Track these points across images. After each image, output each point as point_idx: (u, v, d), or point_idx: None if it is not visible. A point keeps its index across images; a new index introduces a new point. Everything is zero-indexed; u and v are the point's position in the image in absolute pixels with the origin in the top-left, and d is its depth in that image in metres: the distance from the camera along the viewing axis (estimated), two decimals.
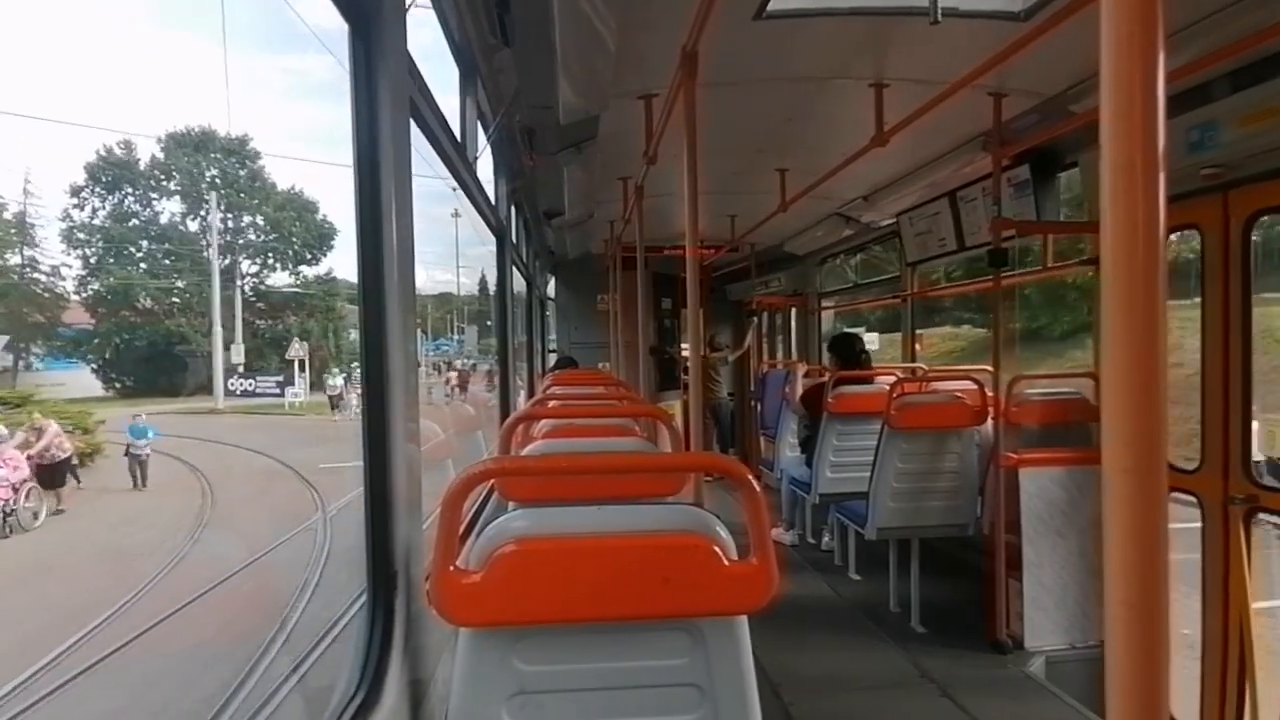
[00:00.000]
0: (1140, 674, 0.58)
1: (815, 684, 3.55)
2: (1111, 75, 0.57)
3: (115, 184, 33.09)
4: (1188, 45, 2.70)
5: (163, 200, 33.80)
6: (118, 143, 33.54)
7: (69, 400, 24.01)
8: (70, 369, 31.30)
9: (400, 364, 1.51)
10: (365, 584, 1.49)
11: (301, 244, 35.53)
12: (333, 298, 35.92)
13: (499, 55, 3.07)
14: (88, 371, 32.03)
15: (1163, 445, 0.57)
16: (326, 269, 36.67)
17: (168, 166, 33.58)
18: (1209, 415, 3.19)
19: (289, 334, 33.83)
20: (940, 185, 4.98)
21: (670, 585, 1.28)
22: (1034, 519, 3.72)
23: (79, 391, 27.83)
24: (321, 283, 36.10)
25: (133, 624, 8.84)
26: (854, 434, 4.94)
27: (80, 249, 32.59)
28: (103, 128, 48.13)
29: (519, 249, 5.95)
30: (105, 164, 32.92)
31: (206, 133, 34.06)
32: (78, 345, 32.45)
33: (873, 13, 2.87)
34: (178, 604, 9.45)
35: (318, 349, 33.95)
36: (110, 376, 32.40)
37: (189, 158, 33.56)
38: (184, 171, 33.45)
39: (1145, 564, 0.57)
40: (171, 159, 33.57)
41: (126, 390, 31.46)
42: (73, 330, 32.40)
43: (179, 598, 9.67)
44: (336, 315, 35.78)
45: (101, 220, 32.99)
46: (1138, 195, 0.56)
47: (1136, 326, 0.56)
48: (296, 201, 35.76)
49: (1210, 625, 3.18)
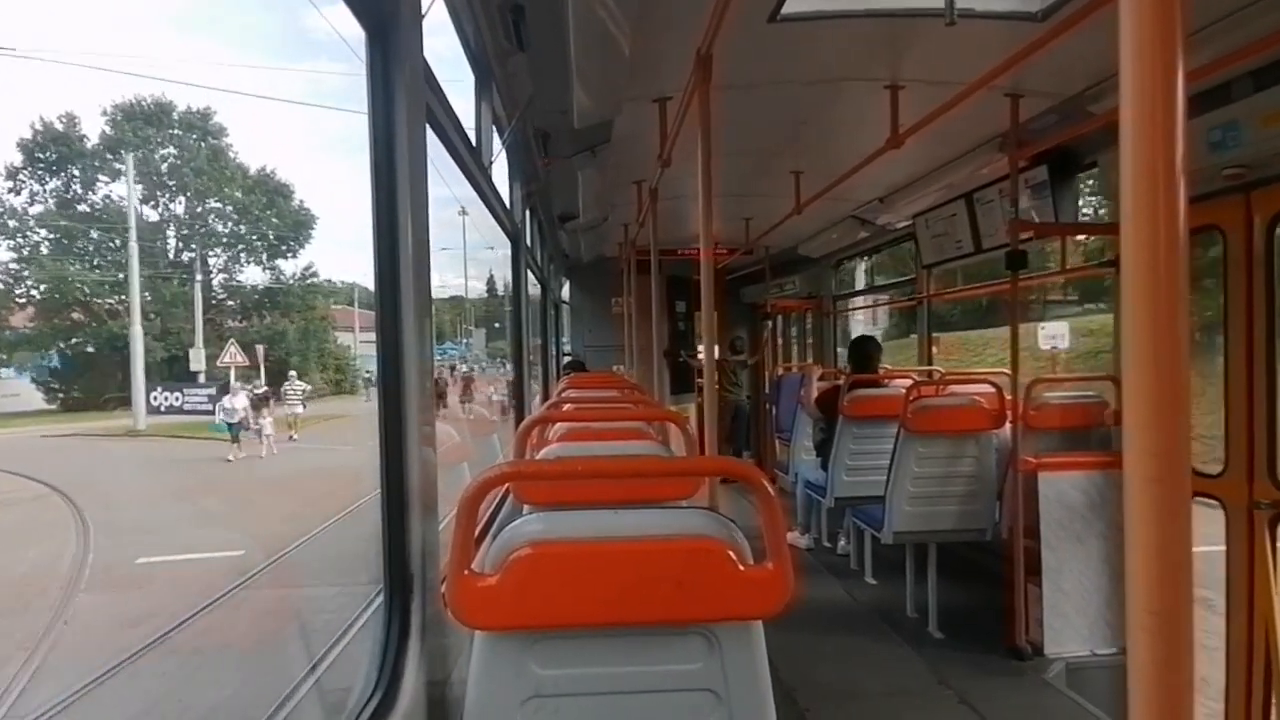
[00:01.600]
0: (1164, 682, 0.57)
1: (831, 690, 3.53)
2: (1131, 75, 0.56)
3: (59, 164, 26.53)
4: (1208, 44, 2.67)
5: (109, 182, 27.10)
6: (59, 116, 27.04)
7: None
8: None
9: (415, 368, 1.52)
10: (382, 585, 1.50)
11: (274, 234, 29.47)
12: (312, 295, 30.48)
13: (514, 60, 3.09)
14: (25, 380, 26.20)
15: (1186, 450, 0.56)
16: (306, 263, 31.12)
17: (116, 141, 27.10)
18: (1233, 419, 3.14)
19: (260, 336, 28.28)
20: (956, 187, 4.94)
21: (685, 590, 1.27)
22: (1053, 524, 3.68)
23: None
24: (300, 279, 30.08)
25: None
26: (870, 437, 4.91)
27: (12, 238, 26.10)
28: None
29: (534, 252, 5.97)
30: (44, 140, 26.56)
31: (161, 104, 27.68)
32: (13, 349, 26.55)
33: (888, 14, 2.86)
34: None
35: (280, 354, 27.65)
36: (52, 387, 26.48)
37: (139, 133, 27.34)
38: (130, 146, 26.94)
39: (1169, 570, 0.56)
40: (119, 132, 27.17)
41: (72, 403, 25.80)
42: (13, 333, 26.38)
43: None
44: (317, 315, 30.56)
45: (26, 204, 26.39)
46: (1159, 196, 0.56)
47: (1159, 329, 0.56)
48: (267, 184, 29.59)
49: (1235, 632, 3.12)
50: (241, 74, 66.83)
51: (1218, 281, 3.18)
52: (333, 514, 11.10)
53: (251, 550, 9.49)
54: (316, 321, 30.48)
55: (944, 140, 4.08)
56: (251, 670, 6.28)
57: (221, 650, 6.80)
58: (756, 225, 6.68)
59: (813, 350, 8.64)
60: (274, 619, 7.68)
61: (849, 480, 4.97)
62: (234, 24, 49.46)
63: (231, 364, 24.91)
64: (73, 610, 7.97)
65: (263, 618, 7.66)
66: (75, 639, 7.22)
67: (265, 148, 65.83)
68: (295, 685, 3.98)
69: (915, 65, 3.24)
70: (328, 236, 47.06)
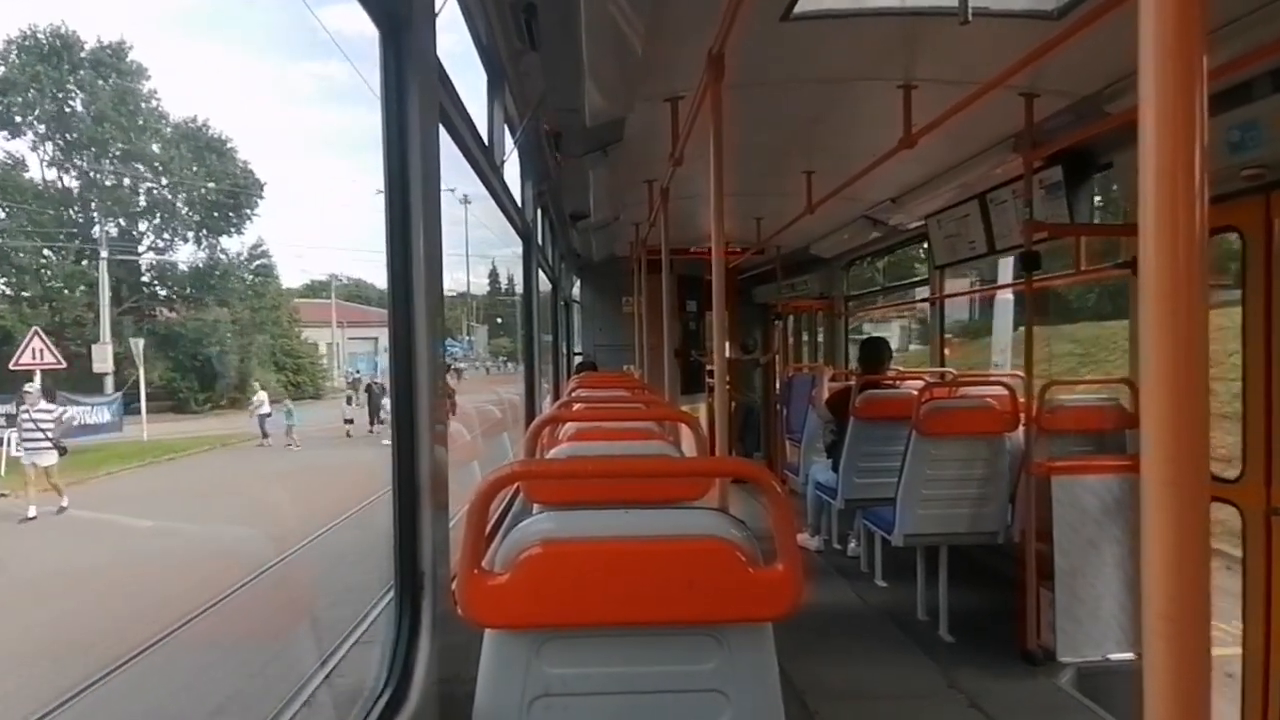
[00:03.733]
0: (1180, 689, 0.56)
1: (841, 693, 3.52)
2: (1150, 74, 0.56)
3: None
4: (1229, 43, 2.63)
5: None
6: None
7: None
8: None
9: (427, 367, 1.53)
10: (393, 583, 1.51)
11: (204, 202, 21.91)
12: (263, 279, 23.93)
13: (526, 59, 3.09)
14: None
15: (1205, 454, 0.55)
16: (255, 241, 24.05)
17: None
18: (1250, 423, 3.10)
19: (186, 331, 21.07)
20: (970, 187, 4.91)
21: (695, 590, 1.27)
22: (1066, 528, 3.65)
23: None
24: (245, 261, 23.33)
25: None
26: (881, 439, 4.88)
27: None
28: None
29: (545, 251, 5.99)
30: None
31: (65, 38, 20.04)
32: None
33: (902, 13, 2.85)
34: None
35: (213, 350, 21.22)
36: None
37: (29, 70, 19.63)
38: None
39: (1186, 576, 0.56)
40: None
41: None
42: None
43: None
44: (269, 305, 24.08)
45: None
46: (1178, 196, 0.55)
47: (1179, 332, 0.55)
48: (197, 139, 21.94)
49: (1251, 641, 3.08)
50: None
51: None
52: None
53: None
54: (266, 313, 23.91)
55: (958, 140, 4.06)
56: None
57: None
58: (768, 225, 6.66)
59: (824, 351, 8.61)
60: None
61: (860, 482, 4.95)
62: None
63: (34, 365, 12.04)
64: None
65: None
66: None
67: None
68: None
69: (929, 64, 3.22)
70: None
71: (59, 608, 7.24)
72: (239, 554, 8.32)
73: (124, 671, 5.54)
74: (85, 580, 7.93)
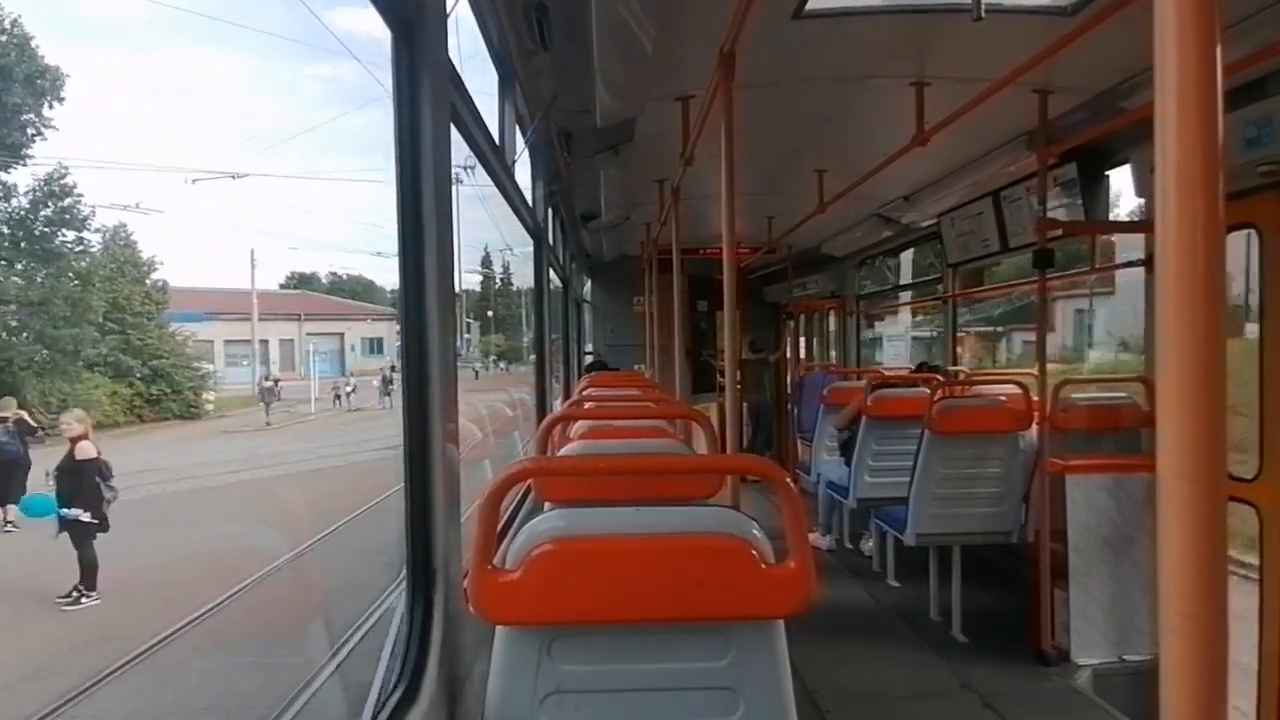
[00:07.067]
0: (1197, 689, 0.56)
1: (853, 692, 3.50)
2: (1166, 70, 0.55)
3: None
4: (1245, 38, 2.60)
5: None
6: None
7: None
8: None
9: (440, 366, 1.54)
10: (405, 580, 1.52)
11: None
12: (77, 235, 13.83)
13: (537, 59, 3.10)
14: None
15: (1222, 453, 0.55)
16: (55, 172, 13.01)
17: None
18: (1268, 421, 3.06)
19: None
20: (983, 185, 4.88)
21: (706, 588, 1.27)
22: (1081, 527, 3.62)
23: None
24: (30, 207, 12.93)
25: None
26: (893, 438, 4.86)
27: None
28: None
29: (555, 251, 6.00)
30: None
31: None
32: None
33: (914, 10, 2.83)
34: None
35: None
36: None
37: None
38: None
39: (1203, 575, 0.55)
40: None
41: None
42: None
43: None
44: (93, 277, 14.28)
45: None
46: (1195, 193, 0.55)
47: (1196, 329, 0.55)
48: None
49: (1268, 641, 3.05)
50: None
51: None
52: None
53: None
54: (74, 289, 14.11)
55: (971, 137, 4.03)
56: None
57: None
58: (779, 224, 6.65)
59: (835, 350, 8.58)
60: None
61: (872, 481, 4.93)
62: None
63: None
64: None
65: None
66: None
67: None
68: None
69: (942, 62, 3.20)
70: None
71: None
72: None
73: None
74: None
